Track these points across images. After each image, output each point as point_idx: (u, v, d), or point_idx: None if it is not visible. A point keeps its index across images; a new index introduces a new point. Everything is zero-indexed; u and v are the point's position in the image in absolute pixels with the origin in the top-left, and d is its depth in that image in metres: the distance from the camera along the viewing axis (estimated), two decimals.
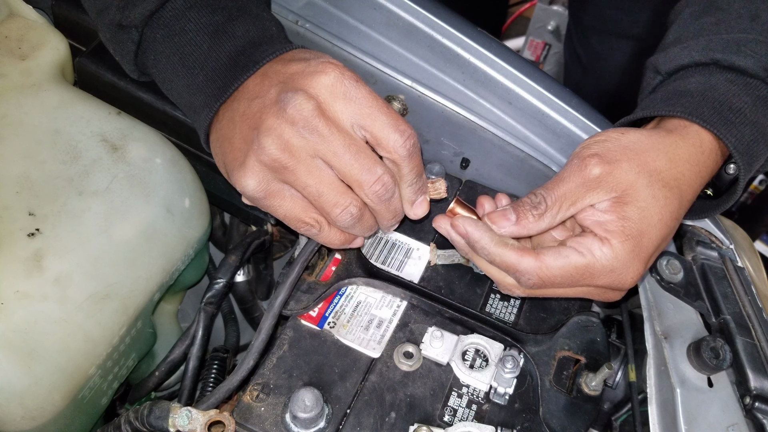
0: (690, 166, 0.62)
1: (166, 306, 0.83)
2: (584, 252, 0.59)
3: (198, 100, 0.64)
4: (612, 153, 0.61)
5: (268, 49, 0.63)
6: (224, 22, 0.64)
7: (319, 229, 0.61)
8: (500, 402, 0.64)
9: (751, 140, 0.63)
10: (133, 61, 0.68)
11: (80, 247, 0.61)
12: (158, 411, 0.58)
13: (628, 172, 0.60)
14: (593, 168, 0.60)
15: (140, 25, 0.64)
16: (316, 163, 0.57)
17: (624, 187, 0.60)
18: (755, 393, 0.64)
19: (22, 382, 0.57)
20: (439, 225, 0.65)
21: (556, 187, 0.61)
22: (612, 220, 0.59)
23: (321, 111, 0.56)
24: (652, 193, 0.60)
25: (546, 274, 0.60)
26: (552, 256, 0.59)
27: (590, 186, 0.60)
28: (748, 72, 0.65)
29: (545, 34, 2.27)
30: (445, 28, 0.80)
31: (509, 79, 0.80)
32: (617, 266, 0.59)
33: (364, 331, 0.67)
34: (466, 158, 0.85)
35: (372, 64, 0.82)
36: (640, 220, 0.59)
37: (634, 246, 0.59)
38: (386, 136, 0.58)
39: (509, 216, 0.61)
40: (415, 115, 0.83)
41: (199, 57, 0.63)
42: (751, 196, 2.02)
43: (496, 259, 0.61)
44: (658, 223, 0.60)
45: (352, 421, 0.60)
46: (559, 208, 0.61)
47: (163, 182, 0.69)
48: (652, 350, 0.67)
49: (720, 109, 0.63)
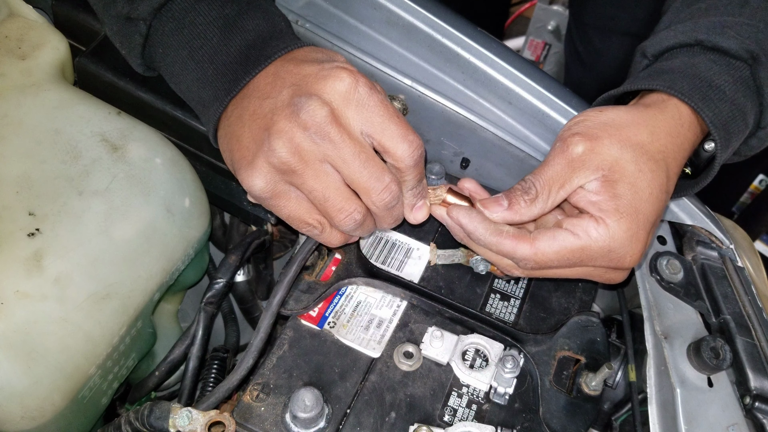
0: (671, 138, 0.63)
1: (166, 306, 0.83)
2: (580, 234, 0.59)
3: (207, 94, 0.63)
4: (592, 130, 0.61)
5: (279, 45, 0.62)
6: (234, 15, 0.64)
7: (320, 230, 0.62)
8: (500, 402, 0.64)
9: (729, 118, 0.64)
10: (140, 55, 0.67)
11: (80, 247, 0.61)
12: (158, 411, 0.58)
13: (610, 148, 0.60)
14: (575, 147, 0.61)
15: (148, 17, 0.64)
16: (324, 167, 0.58)
17: (609, 164, 0.60)
18: (755, 393, 0.64)
19: (22, 382, 0.57)
20: (435, 212, 0.65)
21: (542, 171, 0.62)
22: (604, 199, 0.59)
23: (334, 117, 0.56)
24: (639, 167, 0.60)
25: (542, 258, 0.60)
26: (547, 241, 0.60)
27: (575, 165, 0.61)
28: (731, 53, 0.65)
29: (545, 34, 2.27)
30: (445, 28, 0.80)
31: (509, 79, 0.80)
32: (614, 245, 0.59)
33: (364, 331, 0.67)
34: (466, 158, 0.85)
35: (372, 64, 0.82)
36: (632, 196, 0.59)
37: (630, 224, 0.59)
38: (395, 146, 0.58)
39: (501, 202, 0.62)
40: (415, 114, 0.83)
41: (209, 50, 0.63)
42: (751, 196, 2.02)
43: (492, 247, 0.62)
44: (650, 197, 0.60)
45: (352, 421, 0.60)
46: (549, 192, 0.61)
47: (163, 182, 0.69)
48: (652, 350, 0.67)
49: (699, 86, 0.63)
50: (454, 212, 0.63)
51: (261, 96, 0.60)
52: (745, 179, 1.99)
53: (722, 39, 0.65)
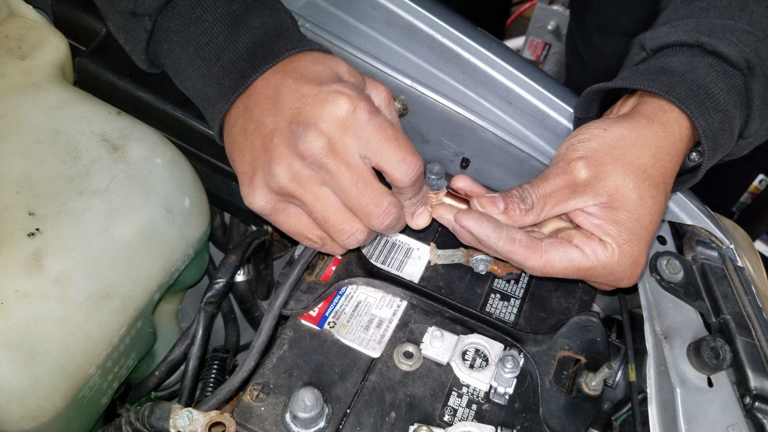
0: (671, 158, 0.64)
1: (166, 306, 0.83)
2: (589, 254, 0.61)
3: (213, 91, 0.63)
4: (598, 154, 0.62)
5: (287, 44, 0.62)
6: (241, 12, 0.63)
7: (321, 244, 0.63)
8: (500, 402, 0.64)
9: (719, 129, 0.64)
10: (145, 51, 0.67)
11: (80, 246, 0.61)
12: (159, 412, 0.58)
13: (614, 175, 0.61)
14: (579, 171, 0.62)
15: (154, 13, 0.63)
16: (324, 190, 0.58)
17: (611, 191, 0.61)
18: (755, 393, 0.64)
19: (22, 381, 0.57)
20: (441, 216, 0.65)
21: (542, 185, 0.63)
22: (605, 223, 0.61)
23: (330, 148, 0.56)
24: (640, 194, 0.61)
25: (550, 270, 0.62)
26: (557, 255, 0.61)
27: (576, 190, 0.62)
28: (729, 60, 0.66)
29: (545, 34, 2.27)
30: (445, 28, 0.80)
31: (509, 79, 0.80)
32: (617, 269, 0.62)
33: (364, 331, 0.67)
34: (466, 158, 0.85)
35: (372, 64, 0.82)
36: (633, 224, 0.61)
37: (632, 250, 0.61)
38: (392, 169, 0.58)
39: (498, 204, 0.63)
40: (415, 114, 0.83)
41: (216, 47, 0.63)
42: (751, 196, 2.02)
43: (503, 255, 0.62)
44: (650, 225, 0.62)
45: (352, 421, 0.60)
46: (543, 207, 0.63)
47: (163, 182, 0.69)
48: (652, 350, 0.67)
49: (697, 93, 0.64)
50: (464, 219, 0.62)
51: (263, 111, 0.59)
52: (745, 179, 1.99)
53: (723, 44, 0.66)
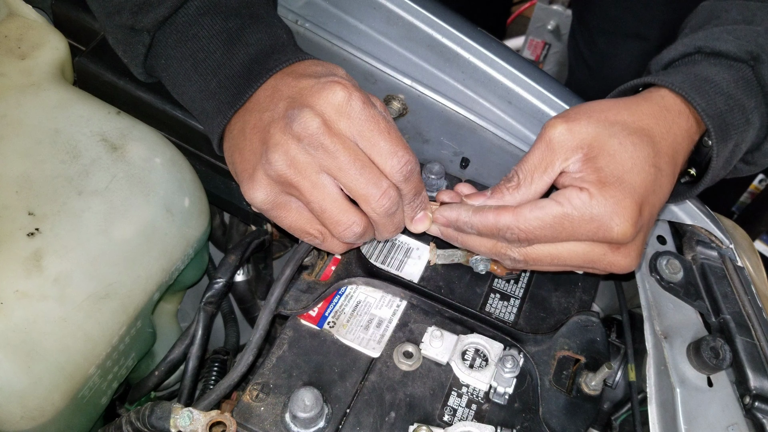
0: (655, 120, 0.62)
1: (166, 306, 0.83)
2: (562, 201, 0.59)
3: (211, 105, 0.65)
4: (570, 114, 0.62)
5: (281, 58, 0.64)
6: (237, 29, 0.65)
7: (322, 239, 0.63)
8: (500, 402, 0.64)
9: (725, 109, 0.63)
10: (143, 64, 0.69)
11: (80, 246, 0.61)
12: (160, 411, 0.58)
13: (587, 126, 0.60)
14: (552, 129, 0.61)
15: (152, 29, 0.65)
16: (322, 179, 0.58)
17: (588, 141, 0.60)
18: (755, 393, 0.64)
19: (22, 381, 0.57)
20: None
21: (525, 160, 0.62)
22: (586, 174, 0.59)
23: (326, 127, 0.57)
24: (618, 141, 0.59)
25: (525, 225, 0.59)
26: (528, 207, 0.60)
27: (554, 147, 0.60)
28: (730, 55, 0.65)
29: (545, 34, 2.27)
30: (445, 28, 0.80)
31: (509, 79, 0.80)
32: (596, 212, 0.58)
33: (363, 331, 0.67)
34: (466, 158, 0.85)
35: (372, 64, 0.82)
36: (613, 167, 0.59)
37: (614, 191, 0.58)
38: (383, 161, 0.58)
39: (485, 193, 0.63)
40: (415, 114, 0.83)
41: (212, 63, 0.64)
42: (751, 196, 2.02)
43: (478, 225, 0.62)
44: (633, 168, 0.59)
45: (351, 421, 0.60)
46: (533, 178, 0.61)
47: (162, 182, 0.69)
48: (652, 350, 0.67)
49: (694, 80, 0.64)
50: (437, 213, 0.64)
51: (261, 109, 0.61)
52: (745, 179, 1.99)
53: (720, 43, 0.66)
